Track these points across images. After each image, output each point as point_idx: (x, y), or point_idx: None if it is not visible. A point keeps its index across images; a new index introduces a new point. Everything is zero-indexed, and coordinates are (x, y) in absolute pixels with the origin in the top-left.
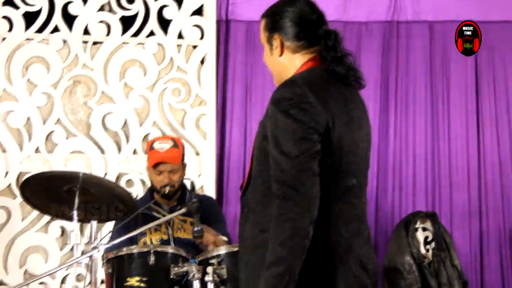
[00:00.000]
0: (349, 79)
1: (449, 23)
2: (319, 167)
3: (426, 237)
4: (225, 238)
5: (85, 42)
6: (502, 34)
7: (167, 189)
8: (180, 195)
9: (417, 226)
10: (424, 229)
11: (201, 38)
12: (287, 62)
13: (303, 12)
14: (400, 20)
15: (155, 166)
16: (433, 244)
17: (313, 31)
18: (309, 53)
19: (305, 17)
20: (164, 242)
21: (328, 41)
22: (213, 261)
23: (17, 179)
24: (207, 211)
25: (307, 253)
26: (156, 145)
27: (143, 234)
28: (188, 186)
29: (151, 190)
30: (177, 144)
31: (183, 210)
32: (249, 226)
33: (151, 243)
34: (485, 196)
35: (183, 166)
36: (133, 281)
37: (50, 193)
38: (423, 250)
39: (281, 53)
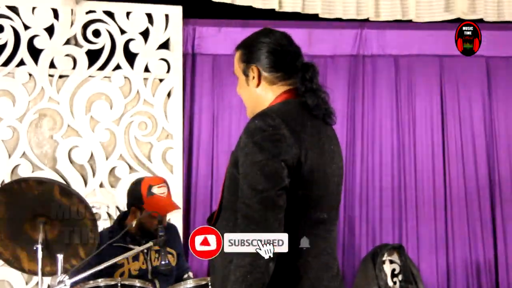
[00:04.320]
0: (320, 111)
1: (414, 57)
2: (289, 200)
3: (393, 270)
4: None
5: (51, 75)
6: (466, 68)
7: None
8: None
9: (384, 258)
10: (391, 262)
11: (168, 71)
12: (263, 93)
13: (280, 43)
14: (365, 54)
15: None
16: (400, 277)
17: (291, 63)
18: (286, 85)
19: (282, 48)
20: (143, 272)
21: (306, 73)
22: None
23: None
24: (170, 237)
25: (276, 284)
26: (156, 190)
27: (120, 265)
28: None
29: (120, 221)
30: (168, 185)
31: (150, 244)
32: (220, 256)
33: (129, 273)
34: (452, 229)
35: None
36: None
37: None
38: (390, 283)
39: (258, 84)
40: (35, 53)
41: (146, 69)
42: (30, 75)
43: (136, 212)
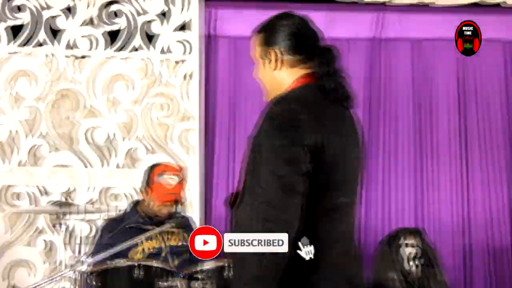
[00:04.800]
0: (337, 95)
1: (431, 40)
2: (309, 185)
3: (411, 253)
4: None
5: (71, 56)
6: (485, 52)
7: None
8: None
9: (401, 242)
10: (410, 245)
11: (187, 53)
12: (281, 77)
13: (300, 26)
14: (383, 37)
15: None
16: (418, 261)
17: (310, 46)
18: (305, 68)
19: (302, 31)
20: (158, 250)
21: (324, 56)
22: (199, 275)
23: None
24: (183, 224)
25: (293, 270)
26: (166, 177)
27: (135, 244)
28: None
29: (135, 203)
30: (184, 176)
31: (168, 225)
32: None
33: (143, 252)
34: (468, 213)
35: None
36: None
37: None
38: (407, 267)
39: (276, 67)
40: (55, 33)
41: (166, 51)
42: (50, 55)
43: (142, 195)
